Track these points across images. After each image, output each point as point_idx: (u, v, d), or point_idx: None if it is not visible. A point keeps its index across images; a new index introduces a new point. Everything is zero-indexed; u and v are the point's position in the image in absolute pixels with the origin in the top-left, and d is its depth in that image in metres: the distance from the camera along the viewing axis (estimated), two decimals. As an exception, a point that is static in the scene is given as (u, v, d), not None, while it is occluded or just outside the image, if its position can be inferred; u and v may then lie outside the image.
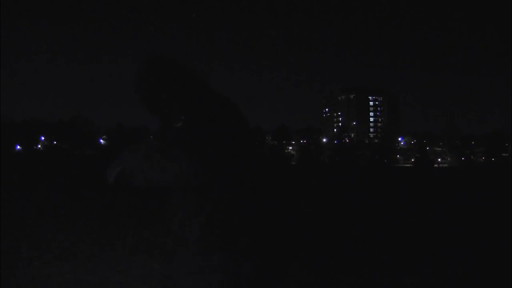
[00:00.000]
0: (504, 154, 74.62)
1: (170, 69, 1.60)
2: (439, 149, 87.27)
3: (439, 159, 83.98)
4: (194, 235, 1.58)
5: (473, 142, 79.26)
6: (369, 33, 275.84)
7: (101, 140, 78.36)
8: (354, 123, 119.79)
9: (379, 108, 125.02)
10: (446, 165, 76.86)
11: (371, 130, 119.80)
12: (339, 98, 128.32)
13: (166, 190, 1.64)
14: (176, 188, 1.60)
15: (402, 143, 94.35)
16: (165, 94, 1.58)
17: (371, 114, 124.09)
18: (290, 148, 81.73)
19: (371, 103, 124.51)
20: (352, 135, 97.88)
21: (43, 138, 76.86)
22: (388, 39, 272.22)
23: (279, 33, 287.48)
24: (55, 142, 75.64)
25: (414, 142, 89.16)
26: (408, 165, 72.73)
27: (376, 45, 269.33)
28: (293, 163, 66.66)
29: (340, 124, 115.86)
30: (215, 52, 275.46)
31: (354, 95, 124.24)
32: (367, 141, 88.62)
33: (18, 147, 71.75)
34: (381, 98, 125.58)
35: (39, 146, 76.36)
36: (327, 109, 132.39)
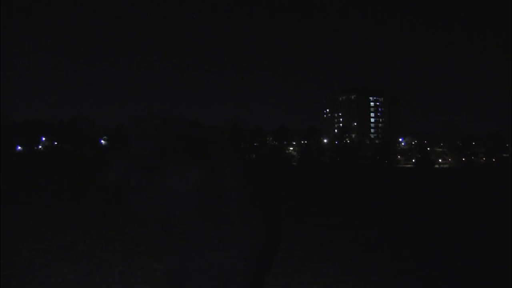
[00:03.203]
0: (504, 155, 74.56)
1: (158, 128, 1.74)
2: (440, 149, 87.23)
3: (440, 160, 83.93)
4: (196, 232, 1.65)
5: (473, 143, 79.20)
6: (369, 33, 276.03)
7: (102, 141, 78.36)
8: (355, 123, 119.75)
9: (379, 109, 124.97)
10: (447, 165, 76.82)
11: (372, 130, 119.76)
12: (340, 98, 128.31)
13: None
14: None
15: (403, 144, 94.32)
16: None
17: (372, 114, 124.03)
18: (291, 148, 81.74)
19: (371, 103, 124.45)
20: (353, 135, 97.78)
21: (43, 138, 76.86)
22: (388, 39, 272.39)
23: (280, 33, 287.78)
24: (56, 143, 75.66)
25: (415, 142, 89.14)
26: (409, 165, 72.68)
27: (376, 45, 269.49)
28: (294, 163, 66.65)
29: (341, 124, 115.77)
30: (215, 52, 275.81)
31: (354, 95, 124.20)
32: (368, 142, 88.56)
33: (19, 147, 71.77)
34: (382, 99, 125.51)
35: (40, 146, 76.39)
36: (327, 110, 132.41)
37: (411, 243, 5.32)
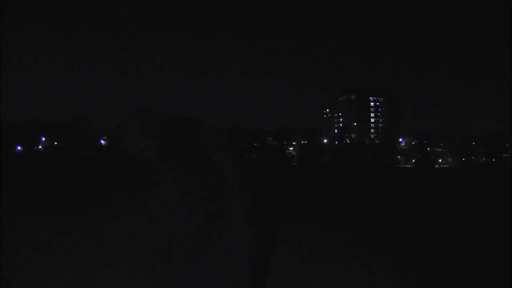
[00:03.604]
0: (504, 155, 74.50)
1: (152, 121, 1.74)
2: (440, 149, 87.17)
3: (440, 160, 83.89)
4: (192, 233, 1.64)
5: (473, 143, 79.11)
6: (369, 33, 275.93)
7: (102, 141, 78.28)
8: (355, 123, 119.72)
9: (379, 109, 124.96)
10: (447, 165, 76.77)
11: (372, 130, 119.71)
12: (340, 98, 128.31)
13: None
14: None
15: (403, 144, 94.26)
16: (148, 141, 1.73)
17: (372, 114, 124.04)
18: (291, 148, 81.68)
19: (371, 103, 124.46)
20: (353, 135, 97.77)
21: (43, 138, 76.81)
22: (388, 39, 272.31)
23: (280, 33, 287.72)
24: (55, 143, 75.62)
25: (414, 142, 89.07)
26: (409, 165, 72.67)
27: (376, 45, 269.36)
28: (294, 163, 66.63)
29: (341, 124, 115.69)
30: (216, 52, 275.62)
31: (355, 95, 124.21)
32: (368, 142, 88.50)
33: (19, 147, 71.71)
34: (382, 99, 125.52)
35: (40, 146, 76.34)
36: (327, 110, 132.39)
37: (411, 243, 5.31)
